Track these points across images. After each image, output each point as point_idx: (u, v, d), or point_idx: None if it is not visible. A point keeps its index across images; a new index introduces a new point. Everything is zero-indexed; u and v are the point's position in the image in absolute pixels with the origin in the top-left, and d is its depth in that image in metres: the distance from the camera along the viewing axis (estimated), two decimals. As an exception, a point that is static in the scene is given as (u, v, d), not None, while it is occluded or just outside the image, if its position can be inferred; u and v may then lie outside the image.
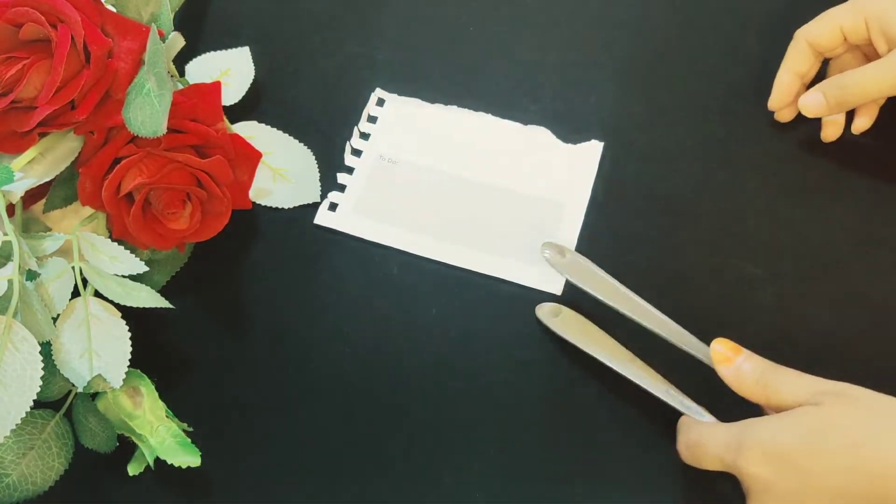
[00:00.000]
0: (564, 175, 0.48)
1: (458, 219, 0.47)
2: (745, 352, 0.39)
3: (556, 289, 0.45)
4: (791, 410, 0.36)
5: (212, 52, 0.49)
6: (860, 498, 0.34)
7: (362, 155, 0.49)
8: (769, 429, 0.36)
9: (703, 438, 0.38)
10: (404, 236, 0.46)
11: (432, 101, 0.50)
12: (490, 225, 0.47)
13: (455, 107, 0.50)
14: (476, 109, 0.50)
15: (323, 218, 0.47)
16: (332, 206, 0.47)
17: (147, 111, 0.39)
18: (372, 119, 0.50)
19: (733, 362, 0.39)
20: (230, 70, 0.48)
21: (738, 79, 0.49)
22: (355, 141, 0.49)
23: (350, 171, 0.48)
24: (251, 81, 0.48)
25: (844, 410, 0.35)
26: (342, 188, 0.48)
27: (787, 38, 0.49)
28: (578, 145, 0.48)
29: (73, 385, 0.41)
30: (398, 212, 0.47)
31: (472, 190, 0.48)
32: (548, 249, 0.44)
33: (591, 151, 0.48)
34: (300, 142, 0.48)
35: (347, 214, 0.47)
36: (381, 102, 0.50)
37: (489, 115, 0.49)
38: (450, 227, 0.47)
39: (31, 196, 0.43)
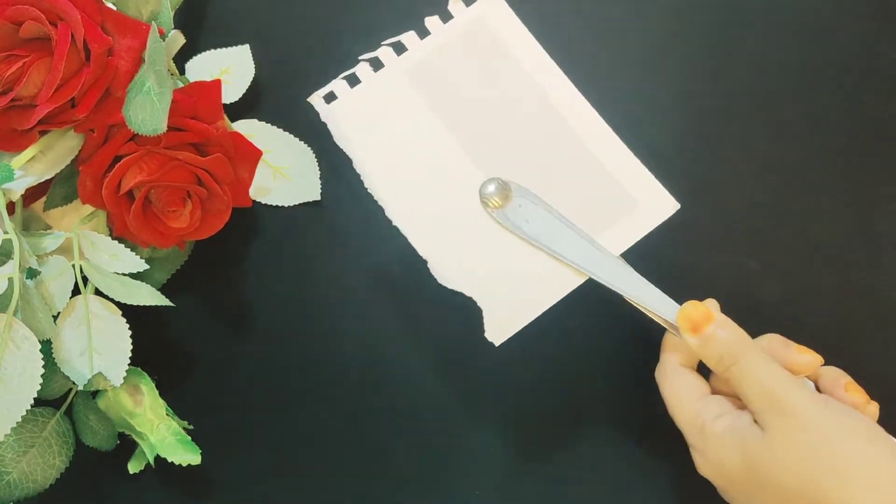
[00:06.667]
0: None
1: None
2: (717, 319, 0.37)
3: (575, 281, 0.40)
4: (738, 423, 0.35)
5: (212, 50, 0.49)
6: None
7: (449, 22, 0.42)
8: (719, 446, 0.35)
9: (672, 404, 0.37)
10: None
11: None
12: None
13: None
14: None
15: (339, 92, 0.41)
16: (377, 64, 0.41)
17: (147, 109, 0.39)
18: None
19: (702, 331, 0.37)
20: (230, 68, 0.48)
21: (738, 77, 0.49)
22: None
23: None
24: (251, 79, 0.48)
25: (787, 441, 0.33)
26: (398, 48, 0.42)
27: (788, 35, 0.49)
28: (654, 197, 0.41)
29: (74, 383, 0.41)
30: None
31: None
32: (491, 184, 0.39)
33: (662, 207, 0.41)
34: (300, 140, 0.48)
35: (396, 76, 0.41)
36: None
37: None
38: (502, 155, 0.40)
39: (32, 194, 0.43)
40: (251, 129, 0.48)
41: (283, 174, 0.48)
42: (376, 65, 0.42)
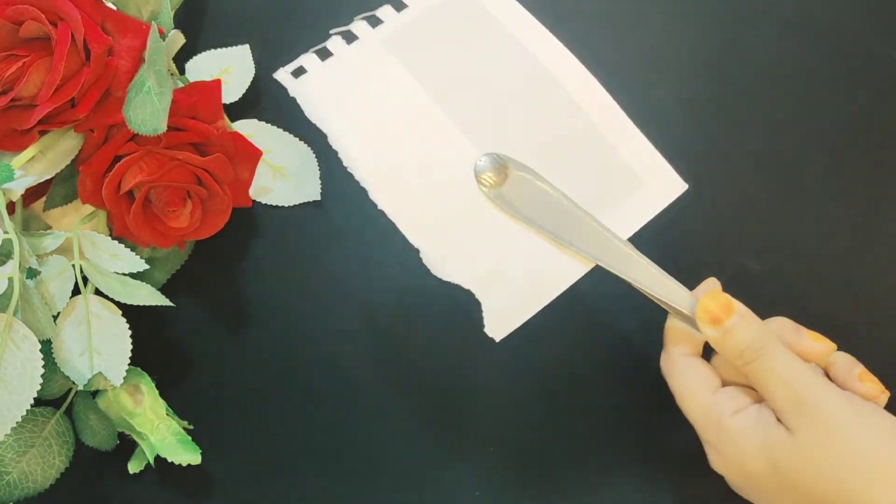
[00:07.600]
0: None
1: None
2: (738, 311, 0.35)
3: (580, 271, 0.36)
4: (760, 421, 0.34)
5: (212, 50, 0.49)
6: None
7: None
8: (739, 444, 0.34)
9: (683, 398, 0.36)
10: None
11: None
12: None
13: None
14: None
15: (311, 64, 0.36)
16: (350, 37, 0.37)
17: (147, 109, 0.39)
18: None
19: (723, 324, 0.35)
20: (230, 68, 0.48)
21: (736, 76, 0.49)
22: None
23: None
24: (251, 79, 0.48)
25: (816, 444, 0.32)
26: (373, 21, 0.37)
27: (787, 34, 0.49)
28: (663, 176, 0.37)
29: (74, 383, 0.41)
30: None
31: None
32: (487, 159, 0.35)
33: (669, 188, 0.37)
34: (300, 140, 0.48)
35: (371, 47, 0.36)
36: None
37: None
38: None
39: (32, 194, 0.43)
40: (251, 129, 0.48)
41: (283, 174, 0.48)
42: (349, 38, 0.38)
